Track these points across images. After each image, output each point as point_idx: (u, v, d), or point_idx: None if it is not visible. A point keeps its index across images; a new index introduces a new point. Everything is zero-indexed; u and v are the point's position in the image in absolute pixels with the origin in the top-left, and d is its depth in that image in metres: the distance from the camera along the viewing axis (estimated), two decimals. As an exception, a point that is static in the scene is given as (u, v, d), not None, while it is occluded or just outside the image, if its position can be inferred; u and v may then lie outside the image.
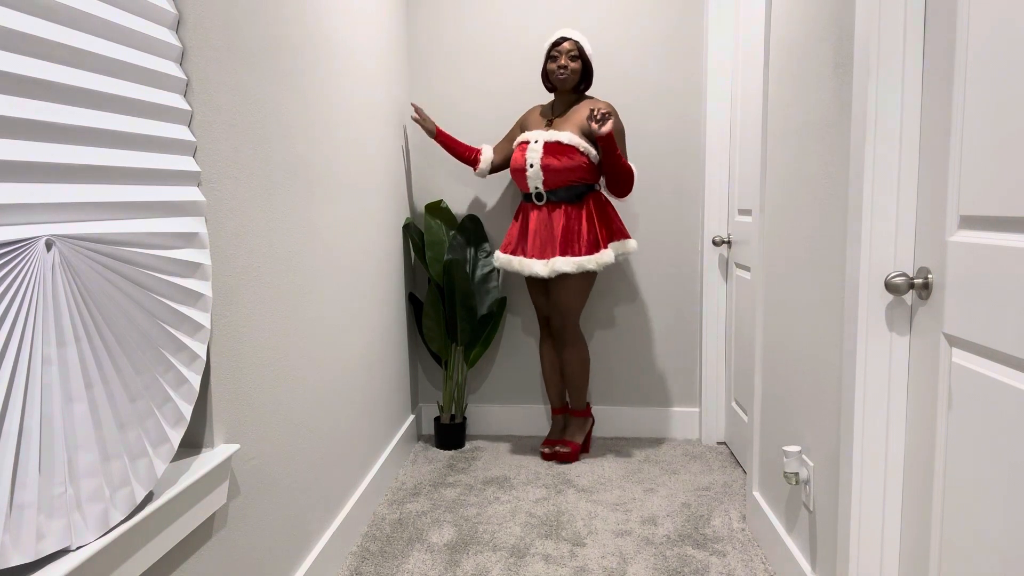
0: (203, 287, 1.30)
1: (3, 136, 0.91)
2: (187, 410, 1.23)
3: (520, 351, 3.29)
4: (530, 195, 2.81)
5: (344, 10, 2.26)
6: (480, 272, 3.08)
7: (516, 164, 2.79)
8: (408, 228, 3.05)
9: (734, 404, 2.96)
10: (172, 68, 1.27)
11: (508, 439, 3.24)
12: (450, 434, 3.08)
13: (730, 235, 2.95)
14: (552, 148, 2.71)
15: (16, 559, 0.90)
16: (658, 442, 3.17)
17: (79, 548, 0.99)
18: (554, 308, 2.84)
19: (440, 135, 2.94)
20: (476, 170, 2.96)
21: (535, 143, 2.75)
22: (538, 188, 2.76)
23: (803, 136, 1.79)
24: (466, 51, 3.15)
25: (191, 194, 1.29)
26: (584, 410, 2.98)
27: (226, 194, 1.44)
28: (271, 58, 1.67)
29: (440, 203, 3.11)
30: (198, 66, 1.34)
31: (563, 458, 2.89)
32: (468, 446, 3.15)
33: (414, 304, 3.18)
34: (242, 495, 1.50)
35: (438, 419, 3.10)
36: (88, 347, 1.02)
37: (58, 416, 0.97)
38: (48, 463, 0.95)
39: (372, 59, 2.58)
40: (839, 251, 1.58)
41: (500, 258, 2.86)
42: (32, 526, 0.92)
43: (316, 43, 1.99)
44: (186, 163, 1.29)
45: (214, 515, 1.39)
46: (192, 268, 1.27)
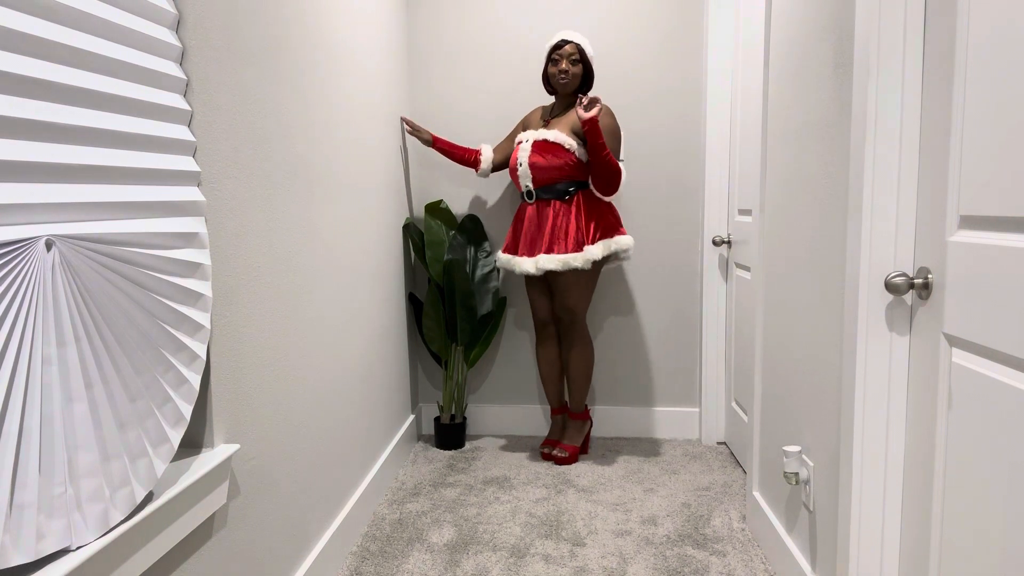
0: (203, 287, 1.30)
1: (3, 136, 0.91)
2: (187, 410, 1.23)
3: (520, 351, 3.29)
4: (523, 194, 2.83)
5: (344, 10, 2.26)
6: (480, 272, 3.08)
7: (511, 164, 2.84)
8: (408, 228, 3.05)
9: (734, 404, 2.96)
10: (172, 68, 1.27)
11: (508, 439, 3.24)
12: (450, 434, 3.08)
13: (730, 235, 2.95)
14: (539, 146, 2.74)
15: (16, 559, 0.90)
16: (658, 442, 3.17)
17: (79, 548, 0.99)
18: (560, 307, 2.84)
19: (437, 142, 2.94)
20: (478, 171, 2.97)
21: (526, 142, 2.78)
22: (528, 186, 2.78)
23: (803, 136, 1.79)
24: (466, 51, 3.15)
25: (191, 194, 1.29)
26: (583, 413, 2.98)
27: (226, 194, 1.44)
28: (271, 58, 1.67)
29: (440, 203, 3.11)
30: (198, 66, 1.34)
31: (561, 462, 2.89)
32: (468, 446, 3.15)
33: (414, 304, 3.18)
34: (242, 495, 1.50)
35: (438, 419, 3.10)
36: (88, 347, 1.02)
37: (58, 416, 0.97)
38: (48, 463, 0.95)
39: (372, 59, 2.58)
40: (839, 251, 1.58)
41: (500, 258, 2.89)
42: (32, 526, 0.92)
43: (316, 43, 1.99)
44: (186, 163, 1.29)
45: (214, 515, 1.39)
46: (192, 268, 1.27)
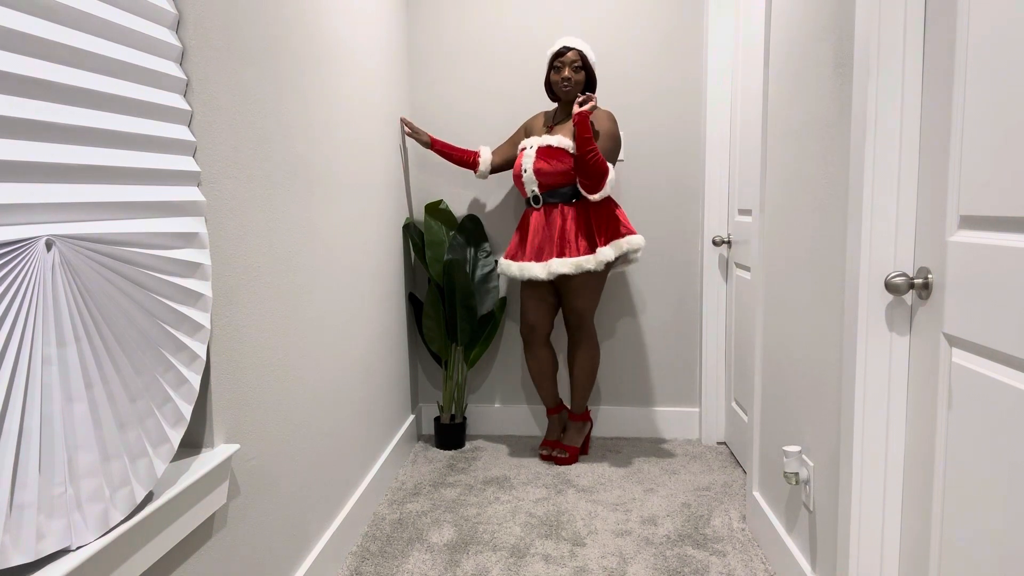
0: (203, 287, 1.30)
1: (3, 136, 0.91)
2: (187, 410, 1.23)
3: (520, 351, 3.29)
4: (529, 200, 2.83)
5: (344, 10, 2.26)
6: (480, 272, 3.08)
7: (515, 171, 2.84)
8: (408, 228, 3.05)
9: (734, 404, 2.96)
10: (172, 68, 1.27)
11: (508, 439, 3.24)
12: (450, 434, 3.08)
13: (730, 235, 2.95)
14: (544, 152, 2.74)
15: (16, 559, 0.90)
16: (658, 442, 3.17)
17: (79, 548, 0.99)
18: (570, 310, 2.85)
19: (435, 144, 2.95)
20: (476, 173, 2.97)
21: (530, 149, 2.79)
22: (534, 191, 2.78)
23: (803, 136, 1.79)
24: (466, 51, 3.15)
25: (191, 194, 1.29)
26: (583, 414, 2.98)
27: (226, 194, 1.44)
28: (271, 58, 1.67)
29: (440, 203, 3.11)
30: (198, 66, 1.34)
31: (561, 462, 2.89)
32: (468, 446, 3.15)
33: (414, 304, 3.18)
34: (242, 495, 1.50)
35: (438, 419, 3.10)
36: (88, 347, 1.02)
37: (58, 416, 0.97)
38: (48, 463, 0.95)
39: (372, 59, 2.58)
40: (839, 251, 1.58)
41: (506, 266, 2.85)
42: (32, 526, 0.92)
43: (316, 43, 1.99)
44: (186, 163, 1.29)
45: (214, 515, 1.39)
46: (192, 268, 1.27)
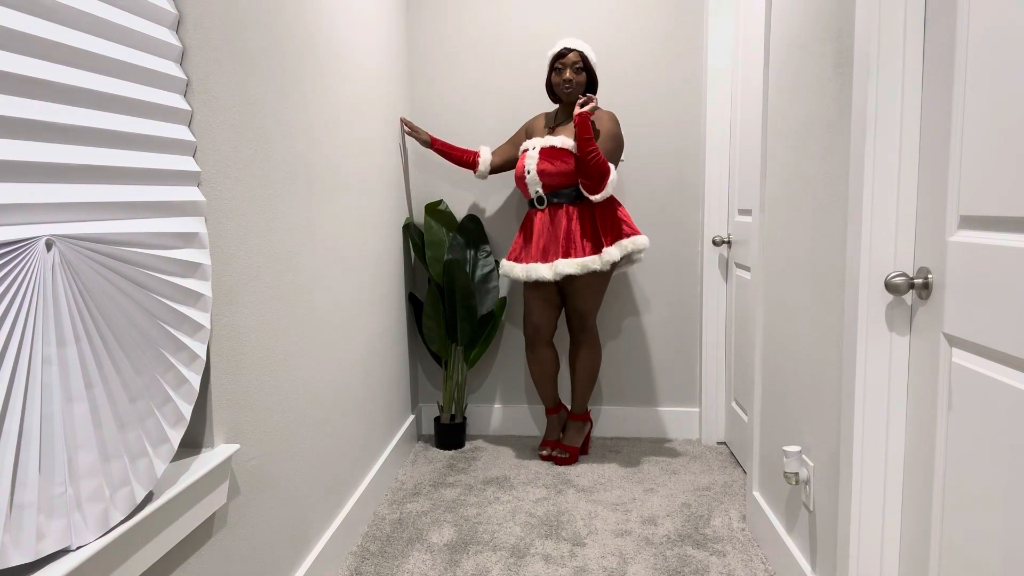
0: (203, 287, 1.30)
1: (3, 136, 0.91)
2: (187, 410, 1.23)
3: (520, 351, 3.29)
4: (533, 201, 2.82)
5: (344, 10, 2.26)
6: (480, 272, 3.08)
7: (517, 172, 2.83)
8: (408, 228, 3.05)
9: (734, 404, 2.96)
10: (172, 68, 1.27)
11: (508, 439, 3.24)
12: (450, 434, 3.08)
13: (730, 235, 2.95)
14: (547, 153, 2.74)
15: (16, 559, 0.90)
16: (658, 442, 3.17)
17: (79, 548, 0.99)
18: (573, 311, 2.85)
19: (435, 143, 2.95)
20: (476, 172, 2.97)
21: (533, 150, 2.79)
22: (538, 192, 2.78)
23: (803, 136, 1.79)
24: (466, 51, 3.15)
25: (191, 194, 1.29)
26: (584, 414, 2.98)
27: (226, 194, 1.44)
28: (271, 58, 1.67)
29: (440, 203, 3.11)
30: (198, 66, 1.34)
31: (561, 462, 2.89)
32: (468, 446, 3.15)
33: (414, 304, 3.18)
34: (242, 495, 1.50)
35: (438, 419, 3.10)
36: (88, 347, 1.02)
37: (58, 416, 0.97)
38: (48, 463, 0.95)
39: (372, 59, 2.58)
40: (839, 251, 1.58)
41: (510, 268, 2.84)
42: (32, 526, 0.92)
43: (316, 43, 1.99)
44: (186, 163, 1.29)
45: (214, 515, 1.39)
46: (192, 268, 1.27)
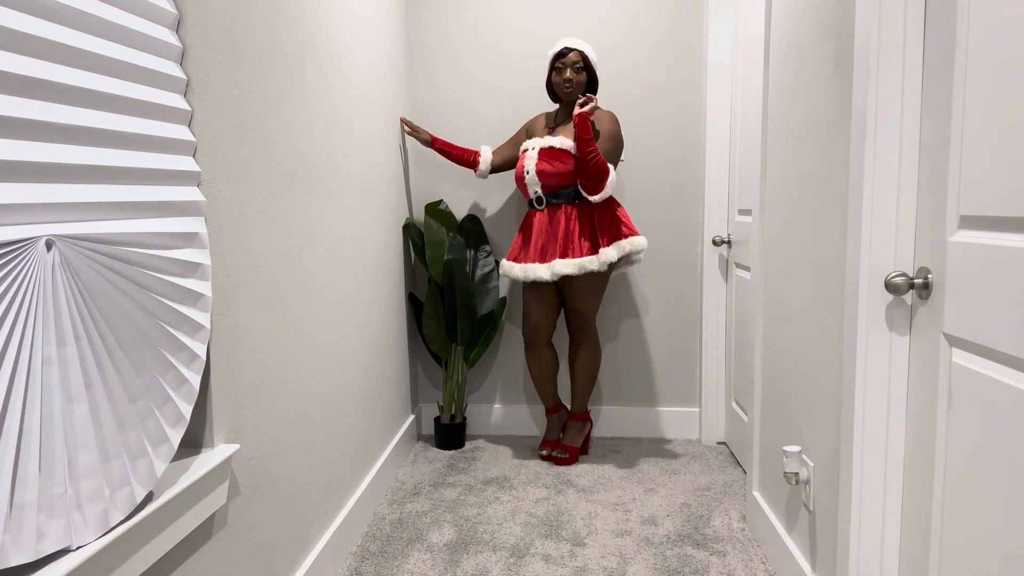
0: (203, 287, 1.30)
1: (3, 136, 0.91)
2: (187, 410, 1.23)
3: (520, 351, 3.29)
4: (532, 201, 2.83)
5: (344, 10, 2.26)
6: (480, 272, 3.08)
7: (517, 173, 2.83)
8: (408, 228, 3.05)
9: (734, 404, 2.96)
10: (172, 68, 1.27)
11: (508, 439, 3.24)
12: (450, 434, 3.08)
13: (730, 235, 2.95)
14: (546, 153, 2.74)
15: (16, 559, 0.90)
16: (658, 442, 3.17)
17: (79, 548, 0.99)
18: (572, 311, 2.85)
19: (435, 142, 2.95)
20: (476, 172, 2.97)
21: (532, 150, 2.79)
22: (537, 192, 2.79)
23: (803, 136, 1.79)
24: (466, 51, 3.15)
25: (191, 194, 1.29)
26: (584, 414, 2.98)
27: (226, 194, 1.44)
28: (271, 58, 1.67)
29: (440, 203, 3.11)
30: (198, 66, 1.34)
31: (561, 462, 2.89)
32: (468, 446, 3.15)
33: (414, 304, 3.18)
34: (242, 495, 1.50)
35: (438, 419, 3.10)
36: (88, 347, 1.02)
37: (58, 416, 0.97)
38: (48, 463, 0.95)
39: (372, 59, 2.58)
40: (839, 251, 1.58)
41: (509, 268, 2.85)
42: (32, 526, 0.92)
43: (316, 43, 1.99)
44: (186, 163, 1.29)
45: (214, 515, 1.39)
46: (192, 268, 1.27)
